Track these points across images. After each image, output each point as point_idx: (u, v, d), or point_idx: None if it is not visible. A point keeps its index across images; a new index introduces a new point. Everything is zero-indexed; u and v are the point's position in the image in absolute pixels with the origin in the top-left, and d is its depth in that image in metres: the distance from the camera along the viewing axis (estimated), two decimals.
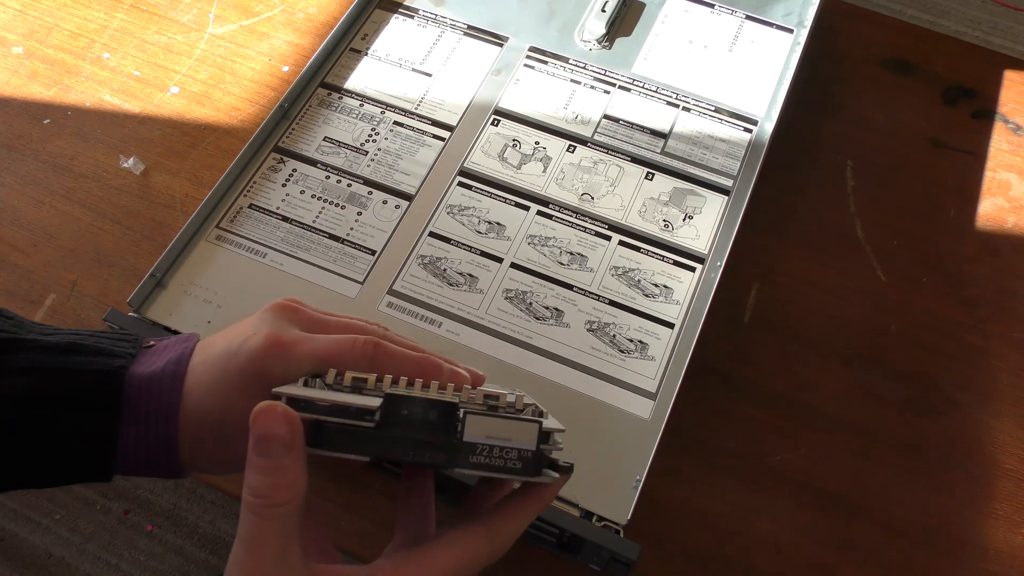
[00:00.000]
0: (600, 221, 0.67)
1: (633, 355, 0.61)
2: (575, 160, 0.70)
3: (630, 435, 0.58)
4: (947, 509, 0.61)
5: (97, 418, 0.40)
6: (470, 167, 0.69)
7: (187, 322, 0.61)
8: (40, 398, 0.40)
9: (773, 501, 0.61)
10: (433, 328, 0.61)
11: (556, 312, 0.62)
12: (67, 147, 0.75)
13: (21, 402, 0.40)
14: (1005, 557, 0.59)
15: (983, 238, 0.72)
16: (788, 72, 0.75)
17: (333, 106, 0.72)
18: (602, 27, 0.76)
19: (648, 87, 0.74)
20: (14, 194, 0.72)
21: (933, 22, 1.64)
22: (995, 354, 0.67)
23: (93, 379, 0.41)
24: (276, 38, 0.81)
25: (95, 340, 0.42)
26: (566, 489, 0.55)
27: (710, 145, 0.71)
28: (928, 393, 0.65)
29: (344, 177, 0.68)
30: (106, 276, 0.68)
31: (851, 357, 0.66)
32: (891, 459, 0.62)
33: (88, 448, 0.40)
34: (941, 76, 0.81)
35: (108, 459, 0.41)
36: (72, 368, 0.41)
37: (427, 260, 0.64)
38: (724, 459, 0.62)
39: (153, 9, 0.83)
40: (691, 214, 0.67)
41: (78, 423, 0.40)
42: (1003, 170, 0.76)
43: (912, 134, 0.78)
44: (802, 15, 0.78)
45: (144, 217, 0.71)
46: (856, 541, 0.59)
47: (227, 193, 0.67)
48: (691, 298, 0.63)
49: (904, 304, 0.69)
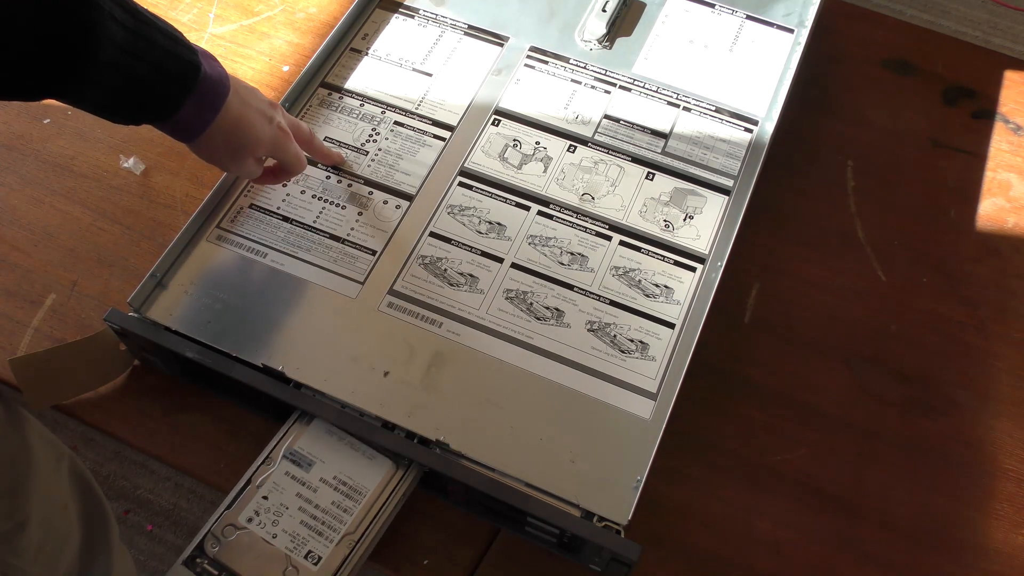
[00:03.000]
0: (601, 221, 0.67)
1: (634, 355, 0.61)
2: (576, 160, 0.70)
3: (631, 435, 0.58)
4: (947, 509, 0.61)
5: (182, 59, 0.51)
6: (471, 167, 0.69)
7: (187, 322, 0.61)
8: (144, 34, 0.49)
9: (773, 501, 0.61)
10: (434, 328, 0.61)
11: (557, 312, 0.62)
12: (67, 147, 0.75)
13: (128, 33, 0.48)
14: (1005, 557, 0.59)
15: (983, 238, 0.72)
16: (788, 72, 0.75)
17: (333, 106, 0.72)
18: (603, 27, 0.76)
19: (649, 87, 0.74)
20: (14, 194, 0.72)
21: (933, 22, 1.64)
22: (995, 354, 0.67)
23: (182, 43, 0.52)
24: (276, 38, 0.81)
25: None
26: (567, 489, 0.55)
27: (711, 145, 0.71)
28: (928, 393, 0.65)
29: (344, 177, 0.68)
30: (106, 276, 0.68)
31: (851, 357, 0.66)
32: (891, 459, 0.62)
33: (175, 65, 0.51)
34: (941, 76, 0.81)
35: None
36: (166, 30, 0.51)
37: (428, 260, 0.64)
38: (724, 459, 0.62)
39: (153, 9, 0.82)
40: (692, 214, 0.67)
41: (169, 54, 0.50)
42: (1003, 170, 0.76)
43: (912, 134, 0.78)
44: (802, 15, 0.78)
45: (144, 217, 0.71)
46: (856, 541, 0.59)
47: (228, 193, 0.67)
48: (692, 298, 0.63)
49: (904, 304, 0.69)
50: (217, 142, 0.56)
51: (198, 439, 0.62)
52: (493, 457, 0.56)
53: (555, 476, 0.56)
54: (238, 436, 0.62)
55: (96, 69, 0.47)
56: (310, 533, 0.54)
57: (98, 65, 0.47)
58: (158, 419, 0.62)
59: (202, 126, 0.54)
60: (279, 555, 0.53)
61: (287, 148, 0.61)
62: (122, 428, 0.62)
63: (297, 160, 0.63)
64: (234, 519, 0.55)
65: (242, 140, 0.57)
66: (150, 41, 0.49)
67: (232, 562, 0.53)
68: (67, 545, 0.65)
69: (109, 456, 1.21)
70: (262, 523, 0.55)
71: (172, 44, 0.50)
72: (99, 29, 0.46)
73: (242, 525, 0.54)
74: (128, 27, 0.47)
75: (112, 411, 0.63)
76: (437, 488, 0.58)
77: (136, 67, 0.48)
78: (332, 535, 0.54)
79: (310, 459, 0.57)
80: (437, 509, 0.59)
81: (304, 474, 0.56)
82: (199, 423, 0.62)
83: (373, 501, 0.55)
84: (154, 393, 0.63)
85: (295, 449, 0.57)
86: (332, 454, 0.57)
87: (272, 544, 0.54)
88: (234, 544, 0.54)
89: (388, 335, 0.61)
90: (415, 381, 0.59)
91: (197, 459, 0.61)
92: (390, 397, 0.58)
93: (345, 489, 0.56)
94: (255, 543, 0.54)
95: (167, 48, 0.50)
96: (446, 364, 0.60)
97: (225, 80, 0.55)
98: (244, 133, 0.57)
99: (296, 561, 0.53)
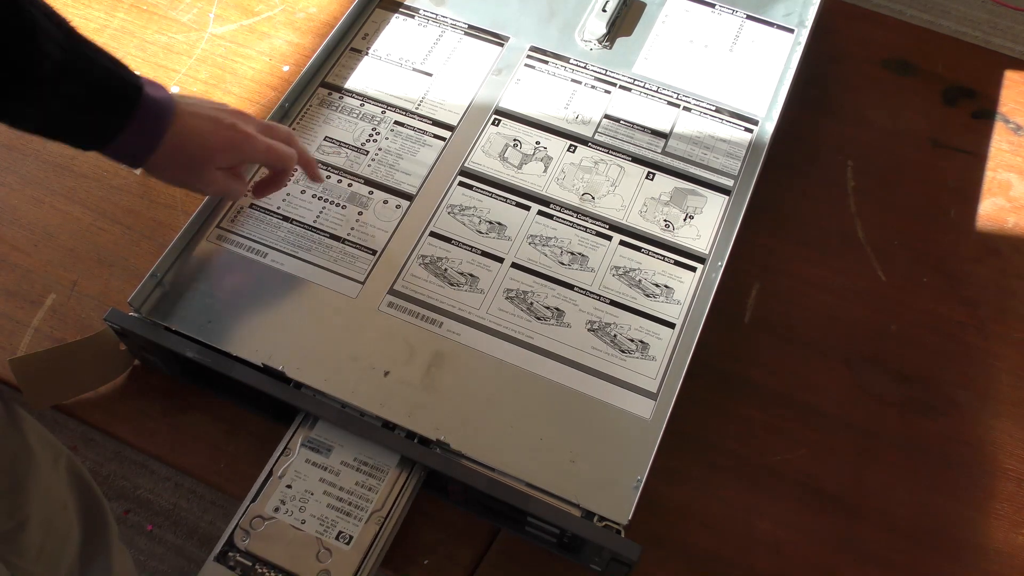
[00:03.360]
0: (601, 221, 0.67)
1: (634, 355, 0.61)
2: (576, 160, 0.70)
3: (631, 435, 0.58)
4: (947, 509, 0.61)
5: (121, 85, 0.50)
6: (471, 167, 0.69)
7: (188, 322, 0.61)
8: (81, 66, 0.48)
9: (773, 501, 0.61)
10: (434, 328, 0.61)
11: (557, 312, 0.62)
12: (67, 147, 0.74)
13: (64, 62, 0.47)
14: (1005, 557, 0.59)
15: (983, 238, 0.72)
16: (789, 72, 0.75)
17: (334, 106, 0.72)
18: (603, 27, 0.76)
19: (649, 87, 0.74)
20: (14, 194, 0.72)
21: (933, 22, 1.65)
22: (995, 354, 0.67)
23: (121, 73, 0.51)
24: (276, 38, 0.81)
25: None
26: (567, 489, 0.55)
27: (711, 145, 0.71)
28: (928, 393, 0.65)
29: (345, 177, 0.68)
30: (106, 276, 0.68)
31: (851, 357, 0.66)
32: (891, 459, 0.62)
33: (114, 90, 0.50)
34: (941, 76, 0.81)
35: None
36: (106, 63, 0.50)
37: (428, 260, 0.64)
38: (724, 459, 0.62)
39: (153, 9, 0.83)
40: (692, 214, 0.67)
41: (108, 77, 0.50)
42: (1003, 170, 0.76)
43: (912, 134, 0.78)
44: (802, 15, 0.78)
45: (144, 217, 0.71)
46: (856, 541, 0.59)
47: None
48: (692, 298, 0.63)
49: (904, 304, 0.69)
50: (169, 163, 0.54)
51: (198, 439, 0.62)
52: (493, 457, 0.56)
53: (555, 476, 0.56)
54: (238, 436, 0.62)
55: (35, 88, 0.46)
56: (338, 515, 0.55)
57: (37, 84, 0.46)
58: (158, 419, 0.62)
59: (148, 149, 0.53)
60: (310, 539, 0.54)
61: (250, 146, 0.57)
62: (122, 428, 0.62)
63: (268, 153, 0.58)
64: (260, 511, 0.55)
65: (192, 151, 0.55)
66: (90, 61, 0.49)
67: (264, 552, 0.54)
68: (67, 545, 0.65)
69: (109, 456, 1.21)
70: (289, 511, 0.55)
71: (113, 65, 0.50)
72: (37, 48, 0.45)
73: (269, 515, 0.55)
74: (66, 47, 0.47)
75: (112, 411, 0.63)
76: (437, 488, 0.58)
77: (76, 87, 0.48)
78: (360, 514, 0.55)
79: (328, 444, 0.57)
80: (437, 509, 0.59)
81: (324, 459, 0.57)
82: (199, 423, 0.62)
83: (396, 477, 0.56)
84: (154, 393, 0.63)
85: (312, 437, 0.57)
86: (349, 437, 0.57)
87: (302, 530, 0.55)
88: (264, 534, 0.54)
89: (388, 335, 0.61)
90: (415, 381, 0.59)
91: (197, 459, 0.61)
92: (390, 397, 0.58)
93: (367, 468, 0.56)
94: (285, 531, 0.54)
95: (108, 68, 0.50)
96: (446, 364, 0.60)
97: (169, 103, 0.53)
98: (193, 144, 0.55)
99: (328, 543, 0.54)
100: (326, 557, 0.53)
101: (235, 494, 0.58)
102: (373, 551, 0.54)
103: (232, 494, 0.59)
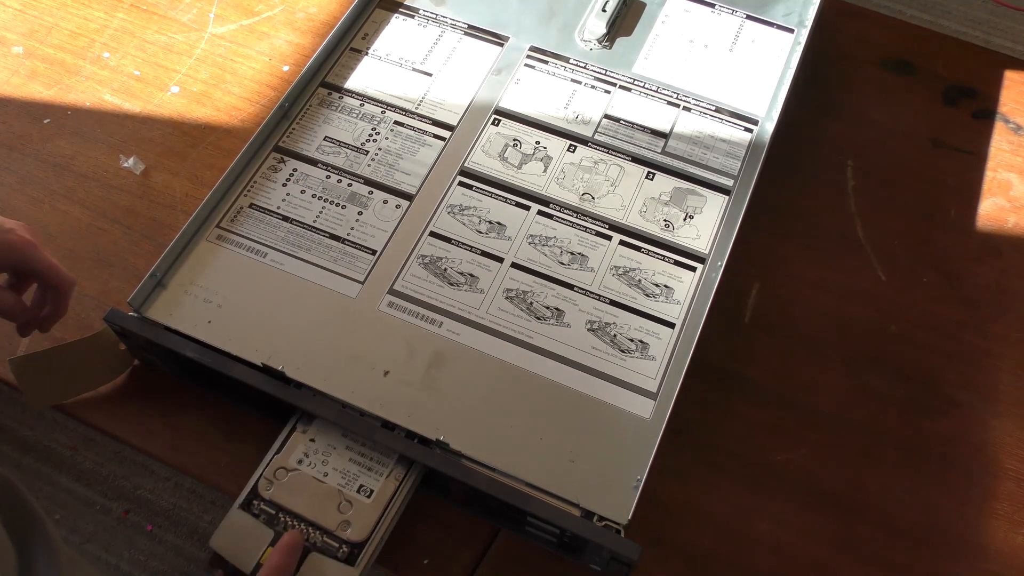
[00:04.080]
0: (601, 221, 0.67)
1: (634, 355, 0.61)
2: (576, 160, 0.70)
3: (631, 435, 0.58)
4: (947, 509, 0.61)
5: None
6: (471, 167, 0.69)
7: (187, 322, 0.61)
8: None
9: (773, 501, 0.61)
10: (434, 328, 0.61)
11: (557, 312, 0.62)
12: (67, 147, 0.75)
13: None
14: (1005, 557, 0.59)
15: (983, 238, 0.72)
16: (789, 72, 0.75)
17: (333, 106, 0.72)
18: (603, 27, 0.76)
19: (649, 87, 0.74)
20: (14, 194, 0.72)
21: (933, 22, 1.64)
22: (995, 354, 0.67)
23: None
24: (276, 38, 0.81)
25: None
26: (567, 489, 0.55)
27: (711, 145, 0.71)
28: (928, 393, 0.65)
29: (344, 177, 0.68)
30: (106, 276, 0.68)
31: (851, 357, 0.66)
32: (891, 459, 0.62)
33: None
34: (941, 76, 0.81)
35: None
36: None
37: (428, 260, 0.64)
38: (724, 459, 0.62)
39: (153, 8, 0.83)
40: (692, 214, 0.67)
41: None
42: (1004, 170, 0.76)
43: (912, 134, 0.78)
44: (802, 15, 0.78)
45: (144, 217, 0.71)
46: (856, 541, 0.59)
47: (227, 193, 0.67)
48: (692, 298, 0.63)
49: (904, 304, 0.69)
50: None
51: (198, 439, 0.62)
52: (493, 457, 0.56)
53: (555, 476, 0.56)
54: (238, 436, 0.62)
55: None
56: (360, 469, 0.56)
57: None
58: (158, 419, 0.62)
59: None
60: (332, 491, 0.56)
61: (33, 253, 0.54)
62: (122, 428, 0.62)
63: (52, 268, 0.55)
64: (284, 462, 0.57)
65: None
66: None
67: (287, 502, 0.55)
68: (4, 564, 0.60)
69: (109, 456, 1.21)
70: (312, 463, 0.57)
71: None
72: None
73: (293, 467, 0.56)
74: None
75: (112, 411, 0.63)
76: (437, 488, 0.58)
77: None
78: (382, 469, 0.56)
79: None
80: (437, 509, 0.59)
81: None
82: (199, 423, 0.62)
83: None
84: (154, 393, 0.63)
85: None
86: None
87: (324, 482, 0.56)
88: (287, 484, 0.56)
89: (388, 335, 0.61)
90: (415, 381, 0.59)
91: (197, 459, 0.61)
92: (390, 397, 0.58)
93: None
94: (308, 483, 0.56)
95: None
96: (446, 364, 0.60)
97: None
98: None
99: (349, 495, 0.55)
100: (347, 509, 0.55)
101: (235, 494, 0.58)
102: (392, 505, 0.55)
103: (232, 494, 0.59)
